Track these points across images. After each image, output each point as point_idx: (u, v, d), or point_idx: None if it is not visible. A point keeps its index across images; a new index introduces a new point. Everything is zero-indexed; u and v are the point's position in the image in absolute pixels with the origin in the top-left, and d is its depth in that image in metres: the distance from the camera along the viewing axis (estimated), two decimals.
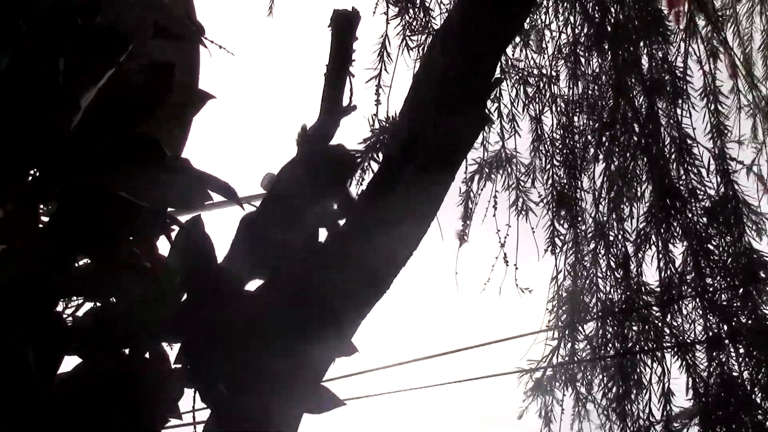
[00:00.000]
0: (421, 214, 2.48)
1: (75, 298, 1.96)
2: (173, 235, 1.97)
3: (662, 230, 5.03)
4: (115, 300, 1.88)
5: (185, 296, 2.01)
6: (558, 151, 5.32)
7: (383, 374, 4.78)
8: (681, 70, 5.18)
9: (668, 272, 4.98)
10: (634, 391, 5.04)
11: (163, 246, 2.01)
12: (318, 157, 2.47)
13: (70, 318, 1.94)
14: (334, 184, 2.47)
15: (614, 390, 5.07)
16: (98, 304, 1.92)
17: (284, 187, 2.40)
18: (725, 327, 4.94)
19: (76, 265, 1.84)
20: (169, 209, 1.89)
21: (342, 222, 2.42)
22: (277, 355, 2.09)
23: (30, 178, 1.74)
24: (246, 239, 2.27)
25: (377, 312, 2.51)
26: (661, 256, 5.00)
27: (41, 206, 1.78)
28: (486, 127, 5.13)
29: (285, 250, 2.28)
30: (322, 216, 2.40)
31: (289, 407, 2.19)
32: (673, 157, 5.12)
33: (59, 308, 1.88)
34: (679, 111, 5.14)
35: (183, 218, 2.02)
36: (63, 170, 1.67)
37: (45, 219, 1.78)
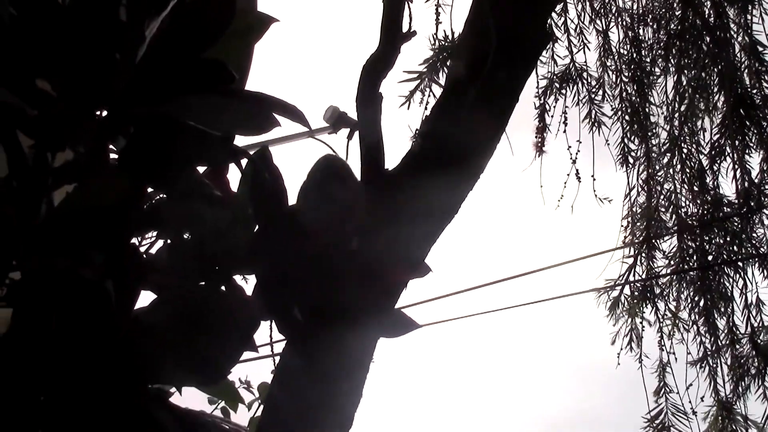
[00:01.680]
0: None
1: (148, 235, 1.98)
2: (243, 164, 1.96)
3: (737, 141, 4.93)
4: (188, 232, 1.89)
5: (257, 227, 2.01)
6: (626, 65, 5.23)
7: (459, 298, 4.79)
8: None
9: (745, 183, 4.90)
10: (723, 304, 4.99)
11: (232, 176, 2.02)
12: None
13: (144, 255, 1.95)
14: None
15: (700, 304, 5.03)
16: (170, 241, 1.94)
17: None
18: None
19: (149, 197, 1.86)
20: (238, 137, 1.87)
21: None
22: (351, 281, 2.09)
23: (98, 117, 1.75)
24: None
25: (450, 235, 2.50)
26: (737, 167, 4.92)
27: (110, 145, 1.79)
28: (551, 43, 5.06)
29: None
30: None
31: (365, 332, 2.19)
32: (744, 65, 5.01)
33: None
34: (749, 17, 5.00)
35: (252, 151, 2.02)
36: (131, 105, 1.67)
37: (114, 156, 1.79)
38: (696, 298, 5.06)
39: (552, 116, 5.25)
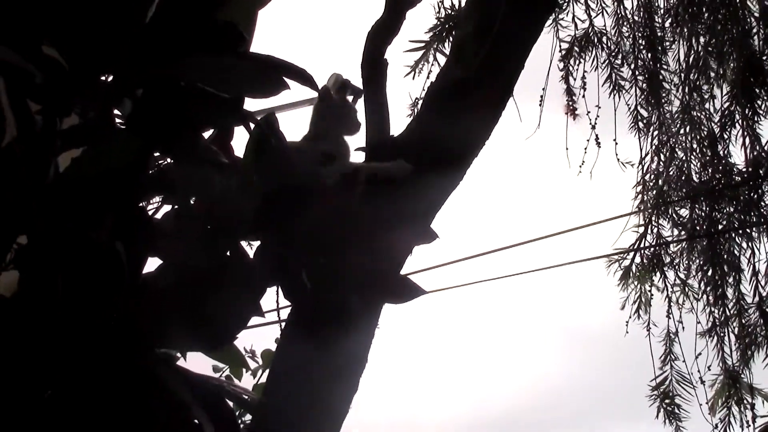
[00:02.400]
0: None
1: (154, 200, 1.97)
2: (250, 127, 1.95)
3: (747, 108, 4.90)
4: (195, 197, 1.89)
5: (263, 193, 2.01)
6: (641, 32, 5.19)
7: (470, 264, 4.78)
8: None
9: (755, 151, 4.87)
10: (731, 273, 4.98)
11: (239, 139, 2.02)
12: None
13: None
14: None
15: (708, 273, 5.02)
16: (176, 206, 1.94)
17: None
18: None
19: (155, 162, 1.86)
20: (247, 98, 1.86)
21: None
22: (356, 247, 2.09)
23: (105, 81, 1.75)
24: None
25: (461, 200, 2.51)
26: (746, 134, 4.89)
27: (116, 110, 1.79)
28: (571, 4, 5.03)
29: None
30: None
31: (370, 297, 2.19)
32: (755, 31, 4.97)
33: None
34: None
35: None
36: (141, 67, 1.66)
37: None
38: (705, 267, 5.05)
39: (576, 79, 5.22)
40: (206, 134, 1.93)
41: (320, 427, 2.22)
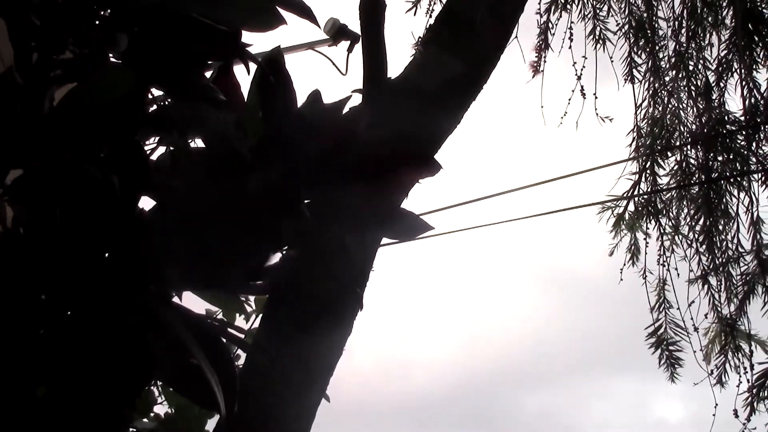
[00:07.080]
0: None
1: (150, 141, 1.94)
2: (250, 65, 1.92)
3: (745, 56, 4.86)
4: (193, 135, 1.86)
5: (267, 127, 1.98)
6: None
7: (467, 209, 4.77)
8: None
9: (752, 99, 4.84)
10: (722, 222, 4.97)
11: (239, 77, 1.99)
12: None
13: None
14: None
15: (701, 221, 5.01)
16: (176, 144, 1.91)
17: None
18: None
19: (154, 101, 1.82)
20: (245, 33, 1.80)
21: None
22: (359, 179, 2.07)
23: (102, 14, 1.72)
24: None
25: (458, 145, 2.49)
26: (744, 82, 4.85)
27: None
28: None
29: None
30: None
31: (367, 234, 2.17)
32: None
33: None
34: None
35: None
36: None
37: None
38: (697, 216, 5.05)
39: (554, 34, 5.18)
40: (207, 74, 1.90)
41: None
